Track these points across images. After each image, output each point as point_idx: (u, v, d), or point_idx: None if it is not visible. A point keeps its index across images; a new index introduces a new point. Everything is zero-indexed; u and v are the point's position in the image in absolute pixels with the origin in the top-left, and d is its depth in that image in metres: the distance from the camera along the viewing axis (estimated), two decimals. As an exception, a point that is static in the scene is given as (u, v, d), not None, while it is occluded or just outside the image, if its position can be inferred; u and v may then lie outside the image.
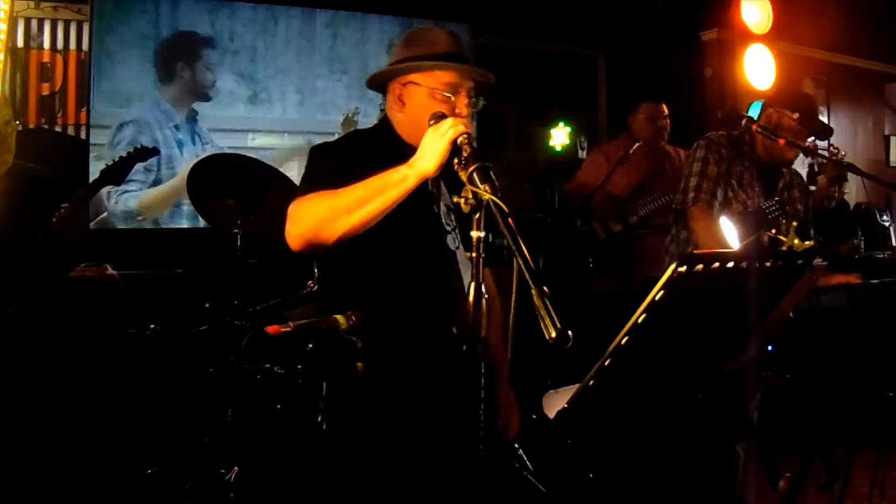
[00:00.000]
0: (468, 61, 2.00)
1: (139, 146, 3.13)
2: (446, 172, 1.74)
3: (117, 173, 3.04)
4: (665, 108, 4.33)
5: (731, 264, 1.49)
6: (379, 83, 2.05)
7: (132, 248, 4.27)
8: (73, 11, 4.42)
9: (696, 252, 2.00)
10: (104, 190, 4.10)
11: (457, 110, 1.90)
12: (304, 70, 4.88)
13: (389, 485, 1.90)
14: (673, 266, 1.40)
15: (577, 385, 1.57)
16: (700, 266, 1.44)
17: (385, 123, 2.07)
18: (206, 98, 4.66)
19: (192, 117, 4.62)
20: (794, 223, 2.56)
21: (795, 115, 2.94)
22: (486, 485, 1.57)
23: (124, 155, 3.07)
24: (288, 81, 4.84)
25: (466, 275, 1.95)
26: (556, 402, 1.86)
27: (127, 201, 4.44)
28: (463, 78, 1.95)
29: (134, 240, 4.39)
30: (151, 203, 4.40)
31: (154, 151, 3.15)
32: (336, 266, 2.06)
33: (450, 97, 1.91)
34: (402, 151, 1.87)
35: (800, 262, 1.69)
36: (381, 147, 1.97)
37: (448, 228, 2.02)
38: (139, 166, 3.39)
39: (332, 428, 2.16)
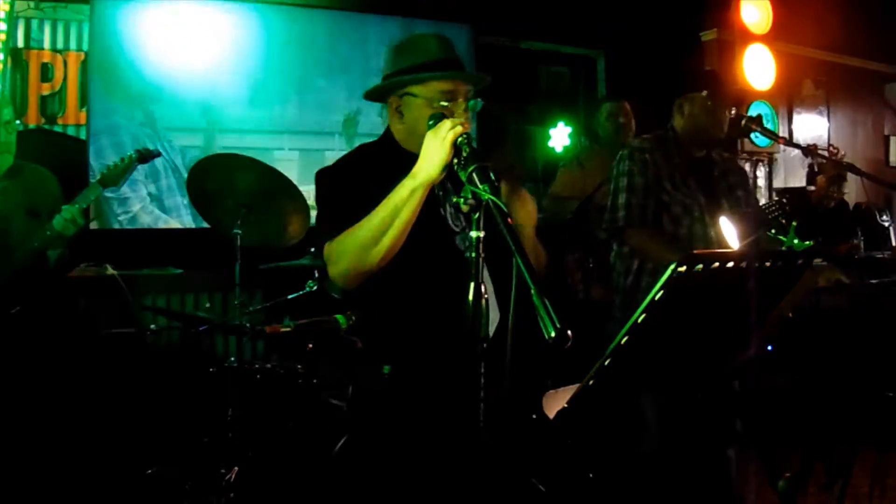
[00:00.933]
0: (461, 66, 1.99)
1: (142, 148, 3.12)
2: (452, 173, 1.74)
3: (117, 176, 3.02)
4: (627, 105, 4.32)
5: (730, 264, 1.49)
6: (377, 96, 2.06)
7: (132, 248, 4.26)
8: (73, 11, 4.42)
9: (696, 252, 2.00)
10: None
11: (455, 117, 1.87)
12: (304, 70, 4.88)
13: (392, 485, 1.90)
14: (673, 266, 1.40)
15: (577, 385, 1.57)
16: (700, 266, 1.44)
17: (388, 135, 2.07)
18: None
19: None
20: (794, 223, 2.55)
21: (704, 93, 2.87)
22: (486, 485, 1.57)
23: (125, 157, 3.05)
24: (287, 82, 4.84)
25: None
26: (556, 402, 1.86)
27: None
28: (458, 84, 1.94)
29: (134, 240, 4.38)
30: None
31: (155, 154, 3.14)
32: None
33: (447, 105, 1.90)
34: (407, 162, 1.87)
35: (800, 262, 1.69)
36: (387, 160, 1.98)
37: (457, 229, 2.01)
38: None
39: (350, 430, 2.15)
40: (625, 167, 2.88)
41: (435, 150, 1.71)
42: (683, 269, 1.40)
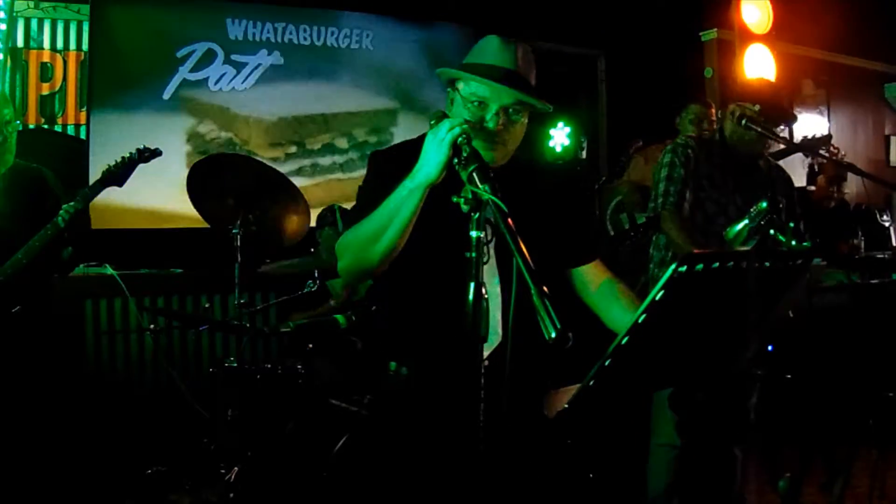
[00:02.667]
0: (515, 79, 1.87)
1: (142, 147, 3.10)
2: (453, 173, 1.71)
3: (119, 175, 3.01)
4: (713, 112, 4.34)
5: (730, 264, 1.49)
6: (447, 83, 1.99)
7: (132, 248, 4.26)
8: (73, 11, 4.42)
9: (696, 252, 2.00)
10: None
11: (483, 123, 1.83)
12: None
13: (394, 487, 1.89)
14: (674, 266, 1.40)
15: (578, 385, 1.56)
16: (700, 266, 1.43)
17: None
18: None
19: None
20: (791, 224, 2.55)
21: (757, 107, 2.91)
22: (487, 485, 1.56)
23: (126, 156, 3.05)
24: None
25: (491, 285, 1.91)
26: (556, 402, 1.86)
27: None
28: (497, 94, 1.85)
29: (134, 240, 4.38)
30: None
31: (156, 153, 3.12)
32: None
33: (478, 109, 1.84)
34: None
35: (799, 261, 1.68)
36: None
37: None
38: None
39: (369, 431, 2.13)
40: (667, 159, 2.97)
41: (434, 152, 1.69)
42: (684, 269, 1.40)
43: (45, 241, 2.86)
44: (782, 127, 3.07)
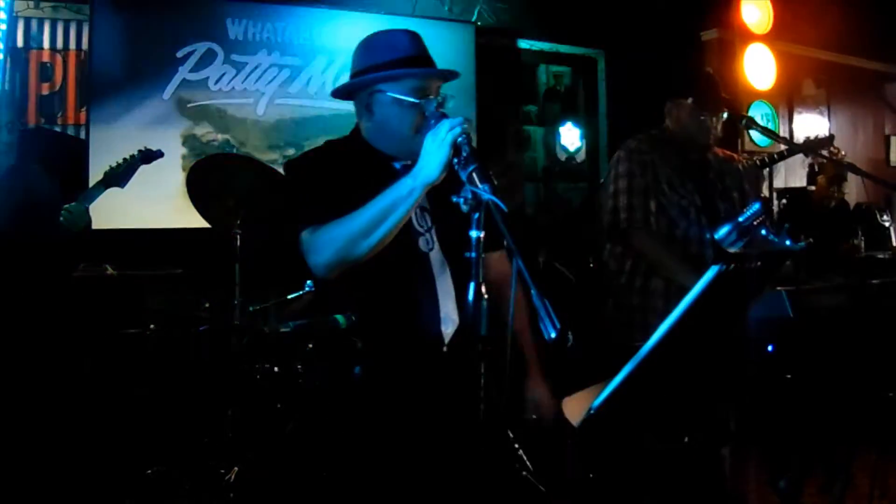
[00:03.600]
0: (432, 62, 1.97)
1: (143, 148, 3.10)
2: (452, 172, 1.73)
3: (121, 176, 3.01)
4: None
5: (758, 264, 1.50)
6: (346, 93, 2.04)
7: (132, 248, 4.26)
8: (73, 11, 4.42)
9: (734, 253, 1.99)
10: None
11: (427, 114, 1.86)
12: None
13: (388, 485, 1.90)
14: (717, 268, 1.40)
15: (594, 388, 1.55)
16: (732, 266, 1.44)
17: (356, 133, 2.06)
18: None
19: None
20: (787, 224, 2.55)
21: (689, 100, 2.86)
22: (486, 485, 1.57)
23: (128, 157, 3.05)
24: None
25: (442, 276, 1.96)
26: (573, 408, 1.84)
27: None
28: (430, 80, 1.93)
29: (134, 240, 4.38)
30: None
31: (158, 154, 3.12)
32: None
33: (418, 103, 1.88)
34: (376, 160, 1.94)
35: (787, 263, 1.70)
36: (355, 157, 1.98)
37: (421, 230, 1.99)
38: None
39: (326, 429, 2.17)
40: (625, 168, 2.86)
41: (435, 153, 1.69)
42: (723, 269, 1.40)
43: (47, 242, 2.86)
44: (724, 114, 2.95)
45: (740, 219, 2.12)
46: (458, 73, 2.00)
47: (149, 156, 3.08)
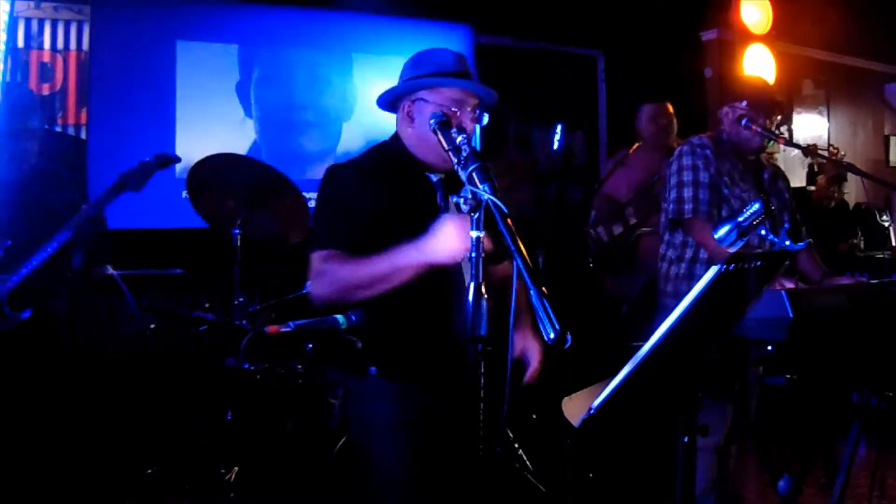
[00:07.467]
0: (471, 77, 2.08)
1: (160, 153, 3.06)
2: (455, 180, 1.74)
3: (136, 180, 2.97)
4: (669, 107, 4.39)
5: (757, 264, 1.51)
6: (389, 101, 2.12)
7: (132, 248, 4.26)
8: (73, 11, 4.42)
9: (738, 254, 2.01)
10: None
11: (462, 125, 1.95)
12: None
13: (391, 485, 1.90)
14: (714, 269, 1.41)
15: (594, 388, 1.55)
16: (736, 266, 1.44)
17: (396, 140, 2.13)
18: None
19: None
20: (786, 225, 2.57)
21: (743, 104, 2.97)
22: (486, 485, 1.57)
23: (144, 161, 3.01)
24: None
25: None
26: (573, 407, 1.84)
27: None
28: (467, 95, 2.03)
29: (134, 240, 4.38)
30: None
31: (175, 159, 3.08)
32: None
33: (455, 112, 1.98)
34: (413, 169, 2.03)
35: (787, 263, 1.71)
36: (394, 163, 2.07)
37: None
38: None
39: (339, 430, 2.19)
40: (689, 161, 2.99)
41: (450, 240, 1.72)
42: (726, 268, 1.40)
43: (58, 245, 2.84)
44: (780, 120, 3.09)
45: (740, 218, 2.13)
46: (496, 92, 2.08)
47: (164, 161, 3.04)
